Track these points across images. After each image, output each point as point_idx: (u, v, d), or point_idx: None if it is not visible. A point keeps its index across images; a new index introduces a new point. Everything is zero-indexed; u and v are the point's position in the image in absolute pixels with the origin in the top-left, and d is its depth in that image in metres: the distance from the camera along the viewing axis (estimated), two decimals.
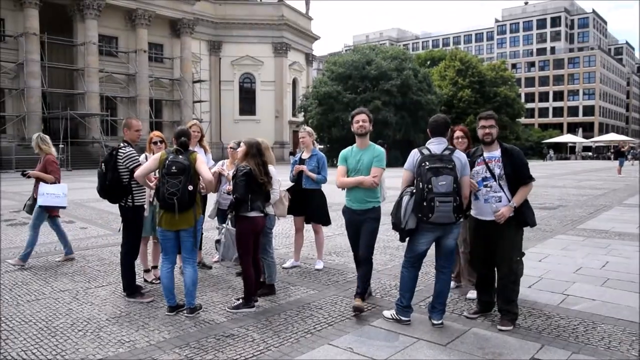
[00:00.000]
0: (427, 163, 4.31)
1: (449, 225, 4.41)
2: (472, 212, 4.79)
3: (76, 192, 17.87)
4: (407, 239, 4.57)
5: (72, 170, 32.93)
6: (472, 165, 4.66)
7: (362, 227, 5.06)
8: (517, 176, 4.52)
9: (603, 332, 4.39)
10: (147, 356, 3.92)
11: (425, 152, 4.44)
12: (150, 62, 42.83)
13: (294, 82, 57.11)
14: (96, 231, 9.78)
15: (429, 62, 70.93)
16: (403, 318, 4.64)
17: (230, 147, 6.37)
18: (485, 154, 4.67)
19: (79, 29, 38.99)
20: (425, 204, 4.23)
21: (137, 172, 5.00)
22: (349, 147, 5.20)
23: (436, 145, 4.49)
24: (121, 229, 5.51)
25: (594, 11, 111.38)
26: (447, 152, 4.42)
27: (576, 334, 4.35)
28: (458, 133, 5.39)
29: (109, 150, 5.41)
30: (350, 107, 42.09)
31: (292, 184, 6.74)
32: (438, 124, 4.60)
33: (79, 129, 38.98)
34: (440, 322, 4.56)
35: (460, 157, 4.49)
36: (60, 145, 34.30)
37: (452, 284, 5.28)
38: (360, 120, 5.05)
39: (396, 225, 4.48)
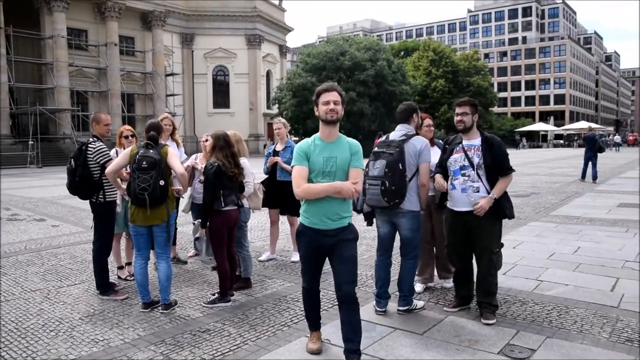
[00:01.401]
0: (376, 148, 4.54)
1: (396, 213, 4.48)
2: (448, 204, 4.65)
3: (47, 189, 17.54)
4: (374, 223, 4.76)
5: (42, 167, 32.29)
6: (450, 153, 4.60)
7: (334, 254, 3.56)
8: (496, 167, 4.39)
9: (576, 316, 4.46)
10: (121, 354, 3.85)
11: (384, 138, 4.65)
12: (121, 55, 42.11)
13: (268, 74, 56.77)
14: (68, 229, 9.59)
15: (402, 53, 71.31)
16: (377, 308, 4.65)
17: (204, 140, 6.28)
18: (465, 142, 4.53)
19: (47, 21, 38.12)
20: (364, 186, 4.32)
21: (108, 169, 4.90)
22: (308, 140, 3.62)
23: (397, 132, 4.63)
24: (93, 225, 5.40)
25: (563, 1, 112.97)
26: (403, 138, 4.50)
27: (550, 318, 4.41)
28: (428, 121, 5.31)
29: (78, 146, 5.28)
30: None
31: (266, 176, 6.70)
32: (400, 110, 4.75)
33: (49, 124, 38.15)
34: (404, 308, 4.60)
35: (416, 143, 4.52)
36: (30, 142, 33.65)
37: (420, 287, 5.19)
38: (331, 102, 3.50)
39: (355, 207, 4.56)
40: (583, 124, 67.09)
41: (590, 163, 16.75)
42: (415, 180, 4.54)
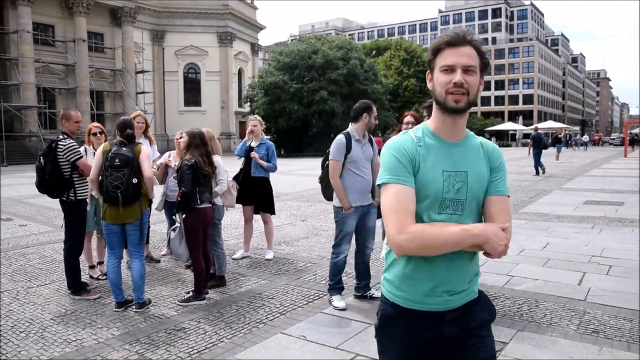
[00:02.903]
0: None
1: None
2: None
3: (13, 188, 17.12)
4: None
5: (8, 166, 31.45)
6: None
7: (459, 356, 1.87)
8: None
9: (545, 310, 4.57)
10: (95, 354, 3.80)
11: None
12: (90, 52, 41.26)
13: (240, 72, 56.45)
14: (37, 228, 9.39)
15: (374, 52, 71.55)
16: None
17: (178, 138, 6.24)
18: None
19: (11, 15, 37.11)
20: None
21: (91, 177, 4.80)
22: (407, 136, 1.83)
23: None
24: (63, 224, 5.31)
25: (532, 3, 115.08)
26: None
27: (521, 312, 4.52)
28: (408, 119, 5.26)
29: (47, 143, 5.17)
30: (296, 96, 42.09)
31: (239, 171, 6.70)
32: (352, 110, 4.97)
33: (14, 122, 37.15)
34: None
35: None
36: None
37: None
38: (460, 67, 1.73)
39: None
40: (551, 124, 68.55)
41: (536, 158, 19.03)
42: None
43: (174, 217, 5.52)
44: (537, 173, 18.73)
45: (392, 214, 1.68)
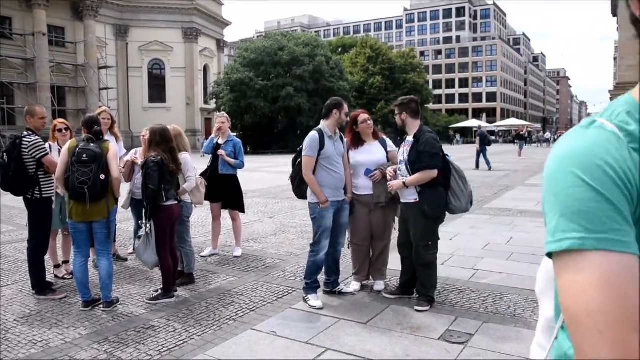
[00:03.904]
0: None
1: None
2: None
3: None
4: None
5: None
6: (399, 148, 4.90)
7: None
8: (419, 161, 4.54)
9: (509, 302, 4.71)
10: (63, 355, 3.75)
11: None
12: (51, 46, 40.09)
13: (205, 69, 55.83)
14: None
15: (340, 49, 71.81)
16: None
17: (144, 136, 6.16)
18: (407, 138, 4.78)
19: None
20: None
21: (57, 173, 4.69)
22: (597, 134, 0.82)
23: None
24: (28, 223, 5.20)
25: (494, 3, 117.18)
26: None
27: (486, 305, 4.65)
28: (362, 116, 5.23)
29: (11, 139, 5.05)
30: (262, 93, 41.88)
31: (206, 168, 6.67)
32: (324, 107, 5.03)
33: None
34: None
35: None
36: None
37: (357, 285, 5.19)
38: None
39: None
40: (514, 121, 70.02)
41: (481, 155, 20.43)
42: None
43: (140, 222, 5.45)
44: (477, 167, 20.29)
45: (600, 323, 0.72)
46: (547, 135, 59.07)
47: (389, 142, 5.28)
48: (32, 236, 5.14)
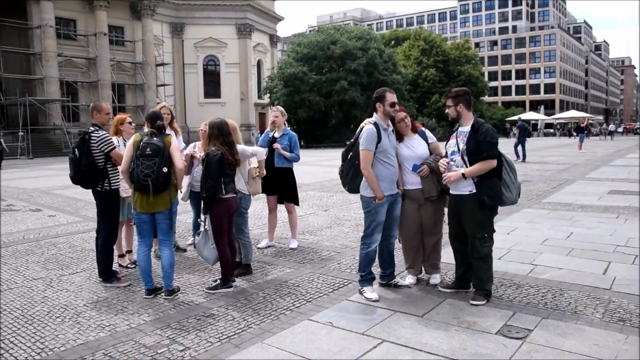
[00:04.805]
0: None
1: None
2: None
3: (39, 180, 17.49)
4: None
5: (33, 159, 32.10)
6: (448, 139, 4.81)
7: None
8: (478, 151, 4.48)
9: (570, 298, 4.58)
10: (128, 339, 3.93)
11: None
12: (111, 45, 41.75)
13: (259, 64, 56.57)
14: (65, 218, 9.61)
15: (393, 42, 71.23)
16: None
17: (202, 130, 6.33)
18: (460, 129, 4.71)
19: (34, 11, 37.69)
20: None
21: (122, 167, 4.93)
22: None
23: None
24: (98, 214, 5.45)
25: None
26: (361, 126, 4.87)
27: (545, 300, 4.54)
28: (399, 115, 5.11)
29: (80, 135, 5.30)
30: (316, 87, 42.05)
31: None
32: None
33: (38, 115, 37.81)
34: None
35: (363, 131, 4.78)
36: (20, 133, 33.39)
37: (412, 279, 5.11)
38: None
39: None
40: (573, 113, 67.51)
41: (520, 146, 20.83)
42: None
43: (199, 220, 5.60)
44: (518, 158, 20.36)
45: None
46: (612, 127, 56.38)
47: (428, 133, 5.21)
48: (102, 226, 5.38)
